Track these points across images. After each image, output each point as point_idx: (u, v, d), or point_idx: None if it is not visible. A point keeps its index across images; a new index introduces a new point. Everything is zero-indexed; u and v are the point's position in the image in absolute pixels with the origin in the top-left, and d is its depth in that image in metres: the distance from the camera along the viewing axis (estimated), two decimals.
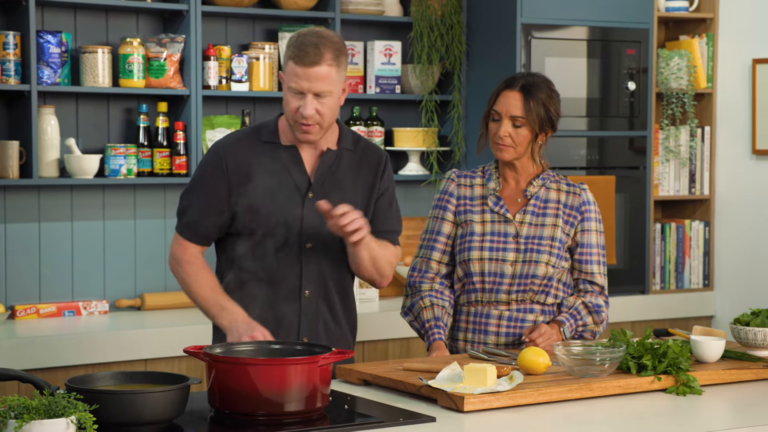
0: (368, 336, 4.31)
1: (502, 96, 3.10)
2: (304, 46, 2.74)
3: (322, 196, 2.82)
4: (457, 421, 2.41)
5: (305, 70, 2.73)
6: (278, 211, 2.81)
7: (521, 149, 3.10)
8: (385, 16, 4.73)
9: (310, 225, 2.83)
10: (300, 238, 2.83)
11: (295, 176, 2.84)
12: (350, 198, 2.85)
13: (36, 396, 2.07)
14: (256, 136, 2.87)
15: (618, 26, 4.82)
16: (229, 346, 2.50)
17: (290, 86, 2.76)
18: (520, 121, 3.07)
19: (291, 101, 2.77)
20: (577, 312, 3.14)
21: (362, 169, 2.91)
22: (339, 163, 2.88)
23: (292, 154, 2.85)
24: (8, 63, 4.02)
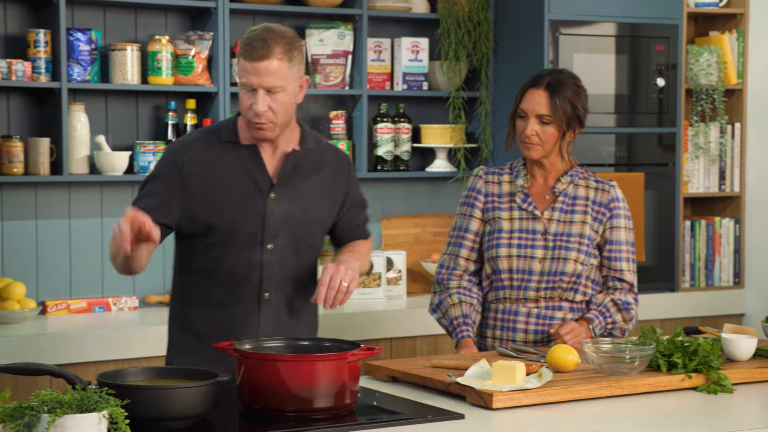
0: (396, 333, 4.31)
1: (528, 94, 3.09)
2: (252, 41, 2.69)
3: (284, 197, 2.78)
4: (486, 418, 2.41)
5: (254, 64, 2.67)
6: (238, 211, 2.75)
7: (549, 147, 3.09)
8: (412, 12, 4.73)
9: (272, 226, 2.77)
10: (261, 239, 2.77)
11: (255, 176, 2.77)
12: (312, 200, 2.82)
13: (68, 391, 2.08)
14: (215, 135, 2.81)
15: (647, 22, 4.80)
16: (258, 342, 2.50)
17: (242, 82, 2.71)
18: (546, 119, 3.06)
19: (244, 98, 2.72)
20: (606, 309, 3.13)
21: (324, 171, 2.86)
22: (301, 164, 2.82)
23: (252, 153, 2.79)
24: (39, 61, 4.05)
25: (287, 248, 2.80)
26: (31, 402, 2.05)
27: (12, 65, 3.98)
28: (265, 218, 2.77)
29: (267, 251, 2.78)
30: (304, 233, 2.82)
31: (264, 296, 2.79)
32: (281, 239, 2.78)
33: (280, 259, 2.78)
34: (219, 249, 2.77)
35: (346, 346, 2.47)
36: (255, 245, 2.77)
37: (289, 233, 2.79)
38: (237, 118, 2.84)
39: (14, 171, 4.02)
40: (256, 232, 2.76)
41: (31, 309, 4.00)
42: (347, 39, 4.59)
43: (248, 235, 2.76)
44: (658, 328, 2.89)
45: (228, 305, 2.77)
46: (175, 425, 2.23)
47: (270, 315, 2.80)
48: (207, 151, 2.78)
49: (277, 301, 2.81)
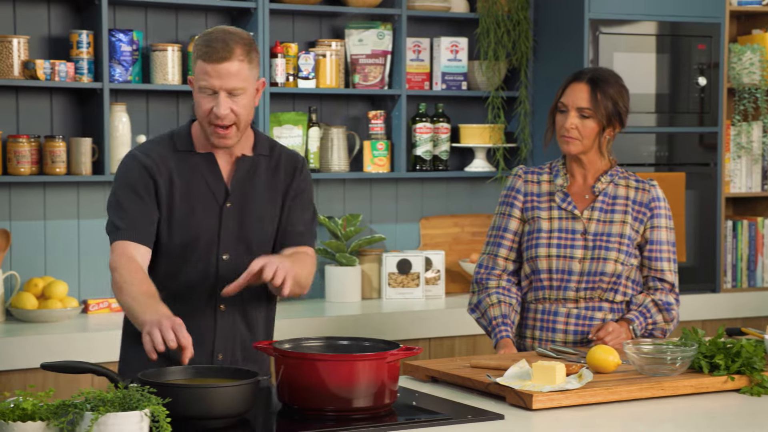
0: (434, 333, 4.31)
1: (569, 88, 3.08)
2: (212, 42, 2.59)
3: (239, 204, 2.69)
4: (526, 418, 2.40)
5: (215, 66, 2.58)
6: (195, 222, 2.66)
7: (588, 142, 3.07)
8: (451, 12, 4.72)
9: (227, 236, 2.68)
10: (217, 250, 2.68)
11: (211, 185, 2.69)
12: (267, 208, 2.73)
13: (110, 389, 2.10)
14: (170, 144, 2.71)
15: (688, 21, 4.76)
16: (297, 342, 2.51)
17: (201, 86, 2.61)
18: (587, 112, 3.05)
19: (203, 103, 2.61)
20: (647, 310, 3.11)
21: (278, 175, 2.75)
22: (256, 169, 2.72)
23: (207, 161, 2.69)
24: (81, 61, 4.09)
25: (243, 257, 2.67)
26: (75, 400, 2.07)
27: (55, 66, 4.02)
28: (221, 228, 2.68)
29: (223, 262, 2.69)
30: (259, 242, 2.72)
31: (220, 308, 2.70)
32: (237, 249, 2.70)
33: (235, 269, 2.66)
34: (175, 260, 2.68)
35: (386, 346, 2.48)
36: (210, 256, 2.68)
37: (245, 243, 2.70)
38: (191, 126, 2.74)
39: (57, 171, 4.06)
40: (211, 243, 2.68)
41: (73, 308, 4.04)
42: (386, 39, 4.59)
43: (204, 246, 2.68)
44: (700, 329, 2.87)
45: (183, 317, 2.52)
46: (216, 424, 2.24)
47: (226, 327, 2.71)
48: (168, 160, 2.69)
49: (233, 312, 2.71)
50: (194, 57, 2.64)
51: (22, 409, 2.04)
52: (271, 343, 2.47)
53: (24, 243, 4.17)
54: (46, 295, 4.04)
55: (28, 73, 4.01)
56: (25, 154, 4.01)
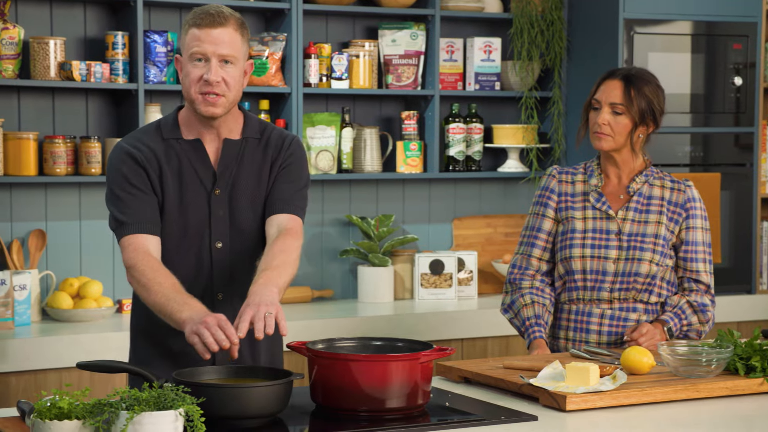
0: (467, 333, 4.31)
1: (603, 85, 3.07)
2: (206, 11, 2.57)
3: (228, 190, 2.64)
4: (559, 420, 2.40)
5: (209, 31, 2.55)
6: (186, 211, 2.62)
7: (620, 139, 3.06)
8: (484, 12, 4.71)
9: (218, 223, 2.64)
10: (209, 239, 2.63)
11: (200, 172, 2.63)
12: (257, 190, 2.66)
13: (145, 388, 2.12)
14: (157, 133, 2.65)
15: (724, 20, 4.72)
16: (330, 342, 2.51)
17: (193, 53, 2.55)
18: (619, 108, 3.03)
19: (193, 71, 2.56)
20: (682, 311, 3.09)
21: (267, 156, 2.68)
22: (243, 153, 2.66)
23: (195, 147, 2.64)
24: (117, 63, 4.12)
25: (237, 245, 2.65)
26: (110, 399, 2.08)
27: (91, 67, 4.05)
28: (211, 216, 2.64)
29: (216, 250, 2.64)
30: (251, 228, 2.67)
31: (218, 297, 2.66)
32: (230, 236, 2.65)
33: (229, 256, 2.65)
34: (169, 250, 2.63)
35: (419, 347, 2.47)
36: (203, 245, 2.64)
37: (236, 229, 2.65)
38: (177, 113, 2.69)
39: (92, 171, 4.09)
40: (203, 232, 2.64)
41: (108, 307, 4.07)
42: (420, 39, 4.59)
43: (196, 235, 2.63)
44: (735, 330, 2.85)
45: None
46: (249, 424, 2.25)
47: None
48: (156, 150, 2.64)
49: (232, 300, 2.66)
50: (186, 28, 2.60)
51: (58, 407, 2.06)
52: (305, 343, 2.47)
53: (59, 243, 4.20)
54: (81, 295, 4.08)
55: (64, 74, 4.04)
56: (60, 155, 4.05)
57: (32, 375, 3.68)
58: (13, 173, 4.00)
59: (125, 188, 2.61)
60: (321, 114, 4.48)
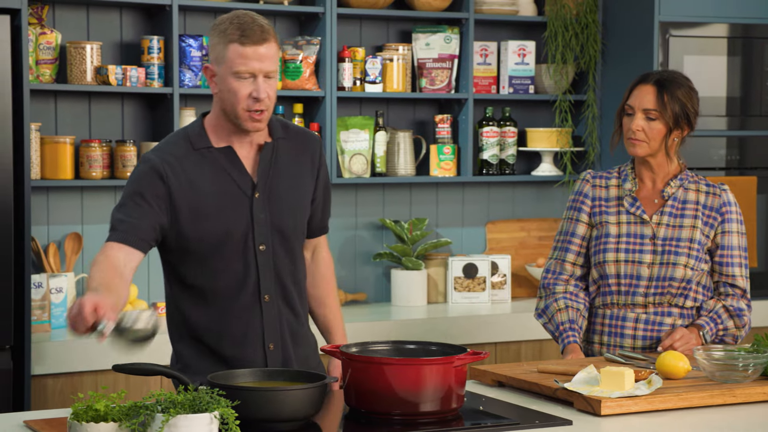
0: (501, 337, 4.30)
1: (636, 90, 3.06)
2: (246, 25, 2.55)
3: (268, 194, 2.66)
4: (594, 424, 2.39)
5: (256, 49, 2.55)
6: (226, 217, 2.63)
7: (655, 144, 3.04)
8: (519, 15, 4.71)
9: (261, 226, 2.66)
10: (253, 242, 2.65)
11: (236, 178, 2.65)
12: (296, 191, 2.71)
13: (180, 391, 2.13)
14: (186, 143, 2.65)
15: (761, 23, 4.68)
16: (364, 346, 2.52)
17: (238, 71, 2.55)
18: (653, 114, 3.02)
19: (240, 88, 2.56)
20: (718, 316, 3.07)
21: (300, 158, 2.73)
22: (278, 155, 2.69)
23: (227, 155, 2.65)
24: (152, 67, 4.15)
25: (279, 246, 2.69)
26: (146, 401, 2.10)
27: (127, 71, 4.09)
28: (253, 220, 2.65)
29: (260, 252, 2.66)
30: (293, 227, 2.71)
31: (264, 298, 2.68)
32: (272, 239, 2.68)
33: (273, 258, 2.68)
34: (212, 258, 2.64)
35: (453, 351, 2.47)
36: (248, 249, 2.65)
37: (279, 230, 2.68)
38: (203, 122, 2.69)
39: (128, 175, 4.12)
40: (247, 236, 2.65)
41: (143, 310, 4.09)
42: (453, 43, 4.59)
43: (240, 240, 2.64)
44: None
45: (230, 314, 2.63)
46: (284, 427, 2.26)
47: (273, 317, 2.68)
48: (184, 161, 2.63)
49: (277, 301, 2.70)
50: (224, 42, 2.57)
51: (95, 410, 2.08)
52: (339, 347, 2.48)
53: (95, 246, 4.23)
54: None
55: (100, 78, 4.08)
56: (96, 159, 4.08)
57: (68, 377, 3.72)
58: (49, 177, 4.04)
59: (135, 200, 2.60)
60: (355, 118, 4.48)
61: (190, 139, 2.66)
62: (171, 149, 2.66)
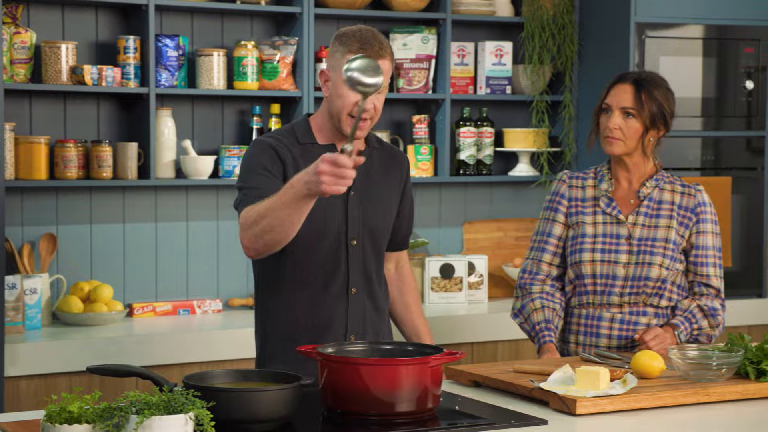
0: (477, 337, 4.30)
1: (614, 89, 3.07)
2: (367, 39, 2.74)
3: (362, 194, 2.84)
4: (570, 424, 2.39)
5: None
6: (324, 209, 2.78)
7: (631, 143, 3.05)
8: (496, 16, 4.71)
9: (354, 222, 2.83)
10: (345, 236, 2.83)
11: None
12: (386, 196, 2.89)
13: (155, 392, 2.12)
14: (293, 137, 2.84)
15: (736, 24, 4.71)
16: (341, 346, 2.52)
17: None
18: (631, 111, 3.03)
19: (349, 95, 2.74)
20: (693, 315, 3.08)
21: (390, 170, 2.93)
22: (372, 162, 2.88)
23: (330, 152, 2.79)
24: (128, 66, 4.13)
25: (368, 243, 2.86)
26: (120, 403, 2.09)
27: (102, 71, 4.07)
28: (347, 215, 2.82)
29: (352, 247, 2.84)
30: (381, 227, 2.89)
31: (351, 291, 2.85)
32: (362, 235, 2.85)
33: (362, 254, 2.85)
34: (305, 249, 2.81)
35: (429, 351, 2.47)
36: (340, 242, 2.82)
37: (369, 228, 2.85)
38: (308, 120, 2.88)
39: (103, 175, 4.10)
40: (341, 229, 2.82)
41: (118, 311, 4.08)
42: (431, 43, 4.59)
43: (334, 232, 2.81)
44: (746, 334, 2.84)
45: (317, 304, 2.82)
46: (259, 428, 2.25)
47: (357, 310, 2.86)
48: (289, 149, 2.82)
49: (362, 295, 2.86)
50: (342, 51, 2.75)
51: (68, 411, 2.06)
52: (315, 347, 2.47)
53: (70, 247, 4.22)
54: (92, 299, 4.09)
55: (75, 78, 4.06)
56: (72, 159, 4.06)
57: (42, 379, 3.69)
58: (24, 177, 4.01)
59: (261, 172, 2.76)
60: None
61: (296, 133, 2.84)
62: (280, 137, 2.83)
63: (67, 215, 4.21)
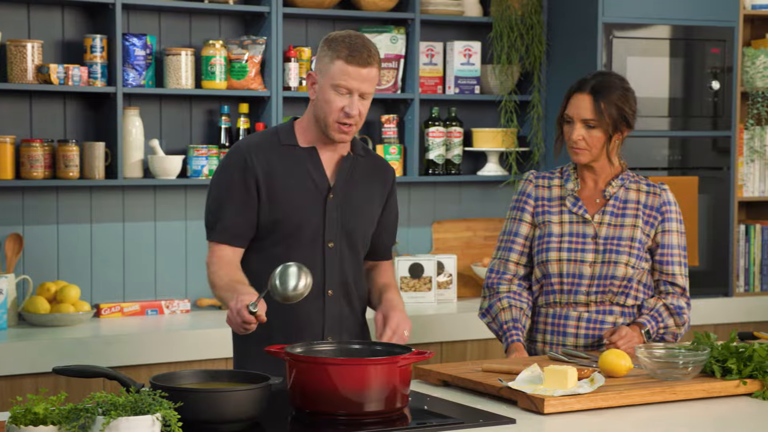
0: (446, 337, 4.31)
1: (573, 99, 3.08)
2: (356, 46, 2.76)
3: (341, 198, 2.86)
4: (537, 422, 2.40)
5: (358, 70, 2.76)
6: (301, 211, 2.82)
7: (596, 151, 3.08)
8: (464, 16, 4.72)
9: (331, 224, 2.85)
10: (323, 238, 2.84)
11: (314, 177, 2.84)
12: (366, 201, 2.91)
13: (122, 393, 2.11)
14: (275, 138, 2.87)
15: (702, 24, 4.75)
16: (309, 346, 2.51)
17: (338, 84, 2.76)
18: (592, 123, 3.05)
19: (335, 100, 2.77)
20: (659, 314, 3.10)
21: (374, 179, 2.95)
22: (354, 169, 2.90)
23: (311, 155, 2.86)
24: (95, 66, 4.10)
25: (345, 246, 2.88)
26: (86, 404, 2.07)
27: (69, 70, 4.04)
28: (325, 217, 2.84)
29: (329, 249, 2.85)
30: (359, 233, 2.90)
31: (328, 293, 2.86)
32: (340, 238, 2.87)
33: (339, 256, 2.87)
34: (282, 248, 2.82)
35: (398, 350, 2.48)
36: (317, 244, 2.84)
37: (346, 231, 2.87)
38: (293, 123, 2.91)
39: (70, 175, 4.08)
40: (318, 230, 2.83)
41: (86, 311, 4.05)
42: (399, 43, 4.59)
43: (311, 234, 2.83)
44: (712, 333, 2.86)
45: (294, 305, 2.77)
46: (227, 428, 2.24)
47: (334, 312, 2.87)
48: (269, 152, 2.84)
49: (339, 297, 2.88)
50: (330, 57, 2.78)
51: (33, 413, 2.05)
52: (283, 347, 2.47)
53: (37, 247, 4.18)
54: (59, 299, 4.06)
55: (41, 77, 4.03)
56: (38, 159, 4.03)
57: (8, 380, 3.66)
58: None
59: (230, 188, 2.81)
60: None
61: (279, 135, 2.88)
62: (259, 140, 2.87)
63: (33, 215, 4.17)
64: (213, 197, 2.87)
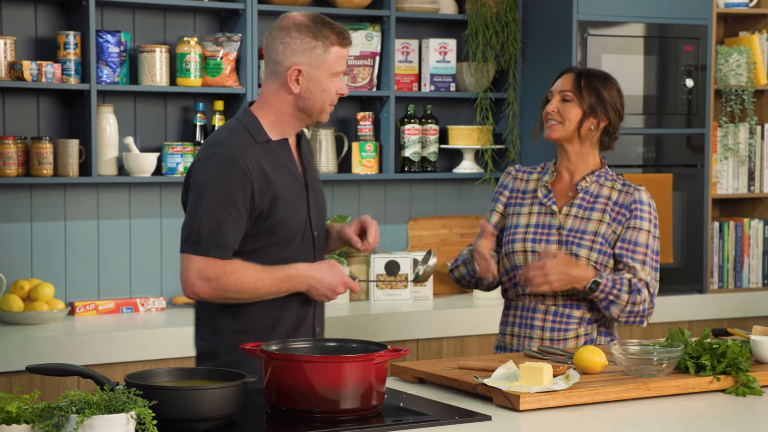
0: (422, 334, 4.31)
1: (558, 79, 3.16)
2: (336, 27, 2.78)
3: (312, 185, 2.87)
4: (513, 419, 2.41)
5: (348, 49, 2.80)
6: (290, 206, 2.80)
7: (569, 126, 3.08)
8: (440, 14, 4.73)
9: (313, 213, 2.87)
10: (310, 230, 2.87)
11: (292, 170, 2.83)
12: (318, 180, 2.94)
13: (96, 391, 2.10)
14: (249, 137, 2.77)
15: (676, 23, 4.77)
16: (285, 344, 2.51)
17: (338, 71, 2.77)
18: (568, 96, 3.09)
19: (332, 86, 2.78)
20: (620, 281, 3.00)
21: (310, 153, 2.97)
22: (302, 151, 2.90)
23: (283, 147, 2.83)
24: (69, 62, 4.08)
25: (323, 233, 2.93)
26: (60, 402, 2.06)
27: (42, 67, 4.01)
28: (309, 208, 2.85)
29: (316, 238, 2.88)
30: (327, 212, 2.99)
31: None
32: (320, 225, 2.90)
33: (321, 243, 2.91)
34: (276, 245, 2.79)
35: (373, 348, 2.47)
36: (307, 235, 2.85)
37: (322, 218, 2.92)
38: (255, 116, 2.81)
39: (43, 172, 4.05)
40: (306, 223, 2.85)
41: (60, 310, 4.03)
42: (375, 40, 4.59)
43: (303, 227, 2.84)
44: (686, 329, 2.87)
45: (284, 299, 2.80)
46: (202, 426, 2.24)
47: (321, 304, 2.92)
48: (255, 155, 2.75)
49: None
50: (322, 46, 2.74)
51: (6, 412, 2.04)
52: (259, 344, 2.46)
53: (10, 245, 4.16)
54: (33, 297, 4.03)
55: (14, 74, 4.00)
56: (11, 156, 4.00)
57: None
58: None
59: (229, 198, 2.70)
60: None
61: (250, 132, 2.78)
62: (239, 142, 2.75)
63: (6, 213, 4.15)
64: (208, 208, 2.69)
